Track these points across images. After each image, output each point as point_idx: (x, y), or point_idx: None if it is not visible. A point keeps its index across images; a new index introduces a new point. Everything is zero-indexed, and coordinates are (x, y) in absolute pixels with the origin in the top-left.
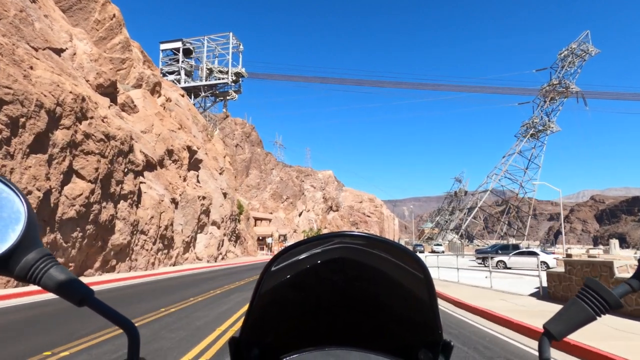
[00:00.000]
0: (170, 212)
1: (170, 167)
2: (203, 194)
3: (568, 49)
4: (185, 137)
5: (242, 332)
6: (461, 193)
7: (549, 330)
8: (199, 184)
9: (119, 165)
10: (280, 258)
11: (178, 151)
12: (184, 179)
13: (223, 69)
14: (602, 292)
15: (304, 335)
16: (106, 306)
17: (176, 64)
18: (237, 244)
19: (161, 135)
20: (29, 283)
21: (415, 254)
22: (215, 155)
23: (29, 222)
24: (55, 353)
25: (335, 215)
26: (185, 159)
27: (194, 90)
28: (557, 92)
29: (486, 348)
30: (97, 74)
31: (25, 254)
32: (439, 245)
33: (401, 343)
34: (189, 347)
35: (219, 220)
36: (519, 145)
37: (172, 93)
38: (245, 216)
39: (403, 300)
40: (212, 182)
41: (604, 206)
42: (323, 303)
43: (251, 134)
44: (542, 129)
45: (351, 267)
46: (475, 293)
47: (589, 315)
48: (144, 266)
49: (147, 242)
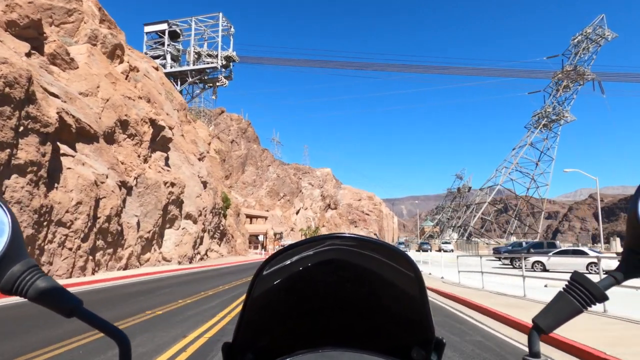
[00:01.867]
0: (116, 199)
1: (125, 144)
2: (172, 179)
3: (582, 34)
4: (149, 109)
5: (236, 336)
6: (465, 189)
7: (537, 324)
8: (167, 167)
9: (6, 119)
10: (272, 261)
11: (136, 124)
12: (145, 160)
13: (212, 53)
14: (588, 285)
15: (297, 338)
16: (96, 316)
17: (162, 47)
18: (223, 242)
19: (110, 102)
20: (15, 296)
21: (405, 253)
22: (194, 139)
23: (14, 233)
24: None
25: (333, 214)
26: (146, 134)
27: (181, 76)
28: (571, 79)
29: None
30: (6, 5)
31: (11, 266)
32: (447, 244)
33: (394, 342)
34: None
35: (195, 213)
36: (530, 136)
37: (142, 63)
38: (235, 211)
39: (395, 299)
40: (188, 168)
41: (603, 204)
42: (316, 305)
43: (247, 129)
44: (556, 119)
45: (343, 268)
46: (521, 305)
47: (576, 308)
48: (66, 271)
49: (72, 239)
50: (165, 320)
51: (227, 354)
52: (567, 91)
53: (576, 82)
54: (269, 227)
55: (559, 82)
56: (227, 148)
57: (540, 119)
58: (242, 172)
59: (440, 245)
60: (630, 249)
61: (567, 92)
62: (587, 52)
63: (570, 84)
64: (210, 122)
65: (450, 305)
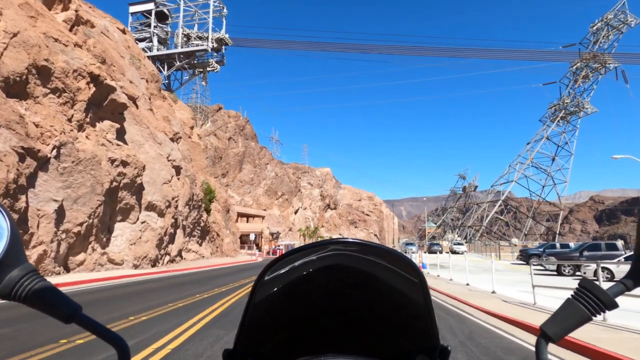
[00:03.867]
0: (8, 172)
1: (46, 101)
2: (123, 157)
3: (602, 21)
4: (89, 60)
5: (237, 343)
6: (471, 188)
7: (545, 332)
8: (118, 142)
9: None
10: (274, 267)
11: (64, 75)
12: (80, 127)
13: (203, 35)
14: (597, 292)
15: (299, 344)
16: (95, 322)
17: (148, 29)
18: (206, 241)
19: (21, 38)
20: (14, 301)
21: (409, 259)
22: (167, 116)
23: (12, 238)
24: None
25: (333, 214)
26: (82, 93)
27: (168, 60)
28: (591, 68)
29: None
30: None
31: (9, 271)
32: (460, 245)
33: (398, 349)
34: None
35: (161, 203)
36: (547, 130)
37: (101, 20)
38: (224, 207)
39: (399, 306)
40: (153, 147)
41: (604, 207)
42: (318, 311)
43: (245, 127)
44: (574, 110)
45: (346, 274)
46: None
47: (585, 316)
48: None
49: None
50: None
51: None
52: (586, 81)
53: (597, 72)
54: (265, 226)
55: (578, 72)
56: (224, 145)
57: (557, 111)
58: (240, 170)
59: (451, 246)
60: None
61: (586, 83)
62: (607, 40)
63: (590, 74)
64: (207, 118)
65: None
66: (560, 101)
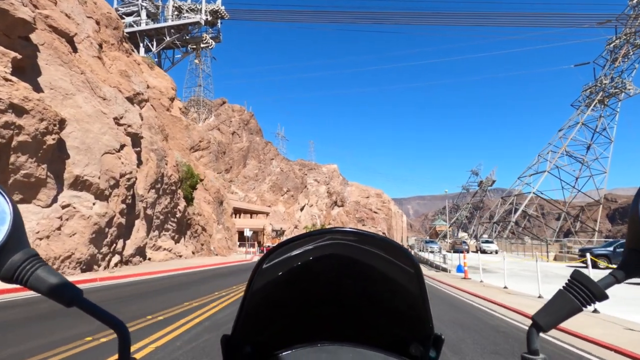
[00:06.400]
0: None
1: None
2: (17, 99)
3: None
4: None
5: (234, 330)
6: (488, 183)
7: (537, 322)
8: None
9: None
10: (272, 255)
11: None
12: None
13: (195, 7)
14: (587, 284)
15: (296, 332)
16: (95, 306)
17: (135, 1)
18: (187, 236)
19: None
20: (16, 284)
21: (406, 249)
22: (126, 70)
23: (15, 222)
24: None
25: (340, 211)
26: None
27: (157, 36)
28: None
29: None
30: None
31: (11, 255)
32: (490, 243)
33: (393, 337)
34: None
35: (101, 180)
36: (582, 115)
37: None
38: (216, 198)
39: (394, 295)
40: (91, 101)
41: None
42: (315, 299)
43: (250, 121)
44: (614, 92)
45: (343, 263)
46: None
47: (575, 307)
48: None
49: None
50: None
51: (226, 346)
52: (625, 60)
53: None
54: (267, 222)
55: (616, 50)
56: (228, 140)
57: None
58: (244, 165)
59: (480, 245)
60: (631, 248)
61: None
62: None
63: (632, 51)
64: (210, 112)
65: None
66: (598, 81)
